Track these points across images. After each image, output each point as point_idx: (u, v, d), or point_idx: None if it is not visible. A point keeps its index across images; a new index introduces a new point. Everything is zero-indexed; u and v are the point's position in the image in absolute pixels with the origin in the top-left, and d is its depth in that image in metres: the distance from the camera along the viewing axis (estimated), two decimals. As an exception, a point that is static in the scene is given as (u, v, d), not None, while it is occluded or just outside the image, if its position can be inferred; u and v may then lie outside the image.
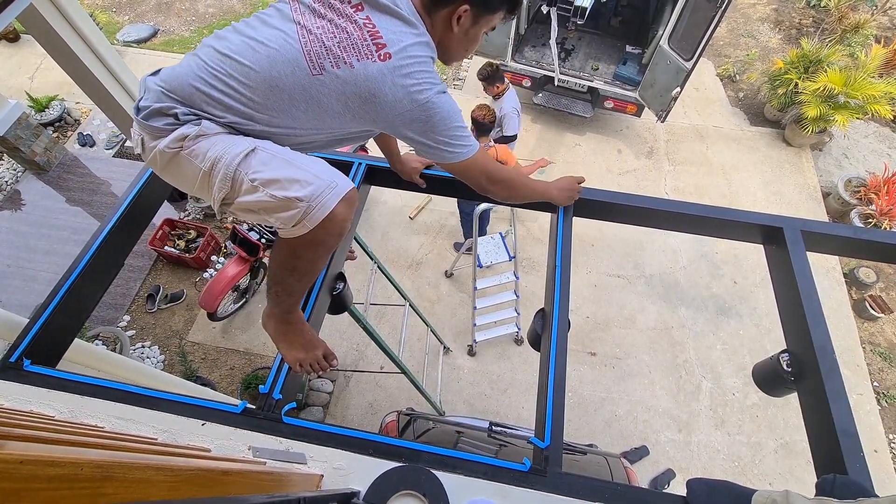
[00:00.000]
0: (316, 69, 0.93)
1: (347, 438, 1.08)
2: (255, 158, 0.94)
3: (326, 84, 0.94)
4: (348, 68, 0.93)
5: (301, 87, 0.95)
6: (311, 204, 0.88)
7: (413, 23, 0.99)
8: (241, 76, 0.95)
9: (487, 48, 5.05)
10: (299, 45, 0.94)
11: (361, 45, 0.93)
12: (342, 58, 0.93)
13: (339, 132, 1.09)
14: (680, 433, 3.74)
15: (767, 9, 6.97)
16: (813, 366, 1.18)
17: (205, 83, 0.97)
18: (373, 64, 0.93)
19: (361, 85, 0.94)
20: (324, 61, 0.93)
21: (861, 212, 4.62)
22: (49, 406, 1.07)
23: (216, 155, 0.94)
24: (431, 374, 3.74)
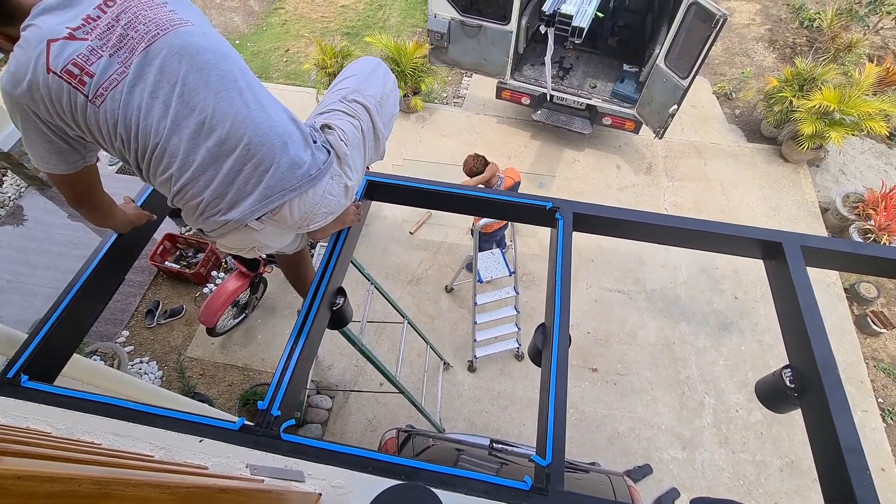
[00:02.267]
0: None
1: (346, 456, 1.06)
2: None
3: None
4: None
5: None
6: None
7: None
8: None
9: (488, 67, 5.14)
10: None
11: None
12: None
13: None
14: (683, 451, 3.68)
15: (762, 28, 7.11)
16: (816, 382, 1.17)
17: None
18: None
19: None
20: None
21: (860, 227, 4.63)
22: (45, 422, 1.06)
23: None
24: (431, 390, 3.71)
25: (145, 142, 1.05)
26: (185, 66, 1.04)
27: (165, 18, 1.03)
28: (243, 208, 1.14)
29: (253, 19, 7.53)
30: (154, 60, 1.02)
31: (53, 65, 0.96)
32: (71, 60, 0.96)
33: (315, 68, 6.04)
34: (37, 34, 0.96)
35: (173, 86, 1.03)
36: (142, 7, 1.02)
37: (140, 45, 1.01)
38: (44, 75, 0.96)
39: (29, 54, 0.96)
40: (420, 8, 7.38)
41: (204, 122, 1.06)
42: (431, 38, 5.08)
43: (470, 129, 5.88)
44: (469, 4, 4.75)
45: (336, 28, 7.23)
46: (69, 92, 0.98)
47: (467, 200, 1.62)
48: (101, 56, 0.98)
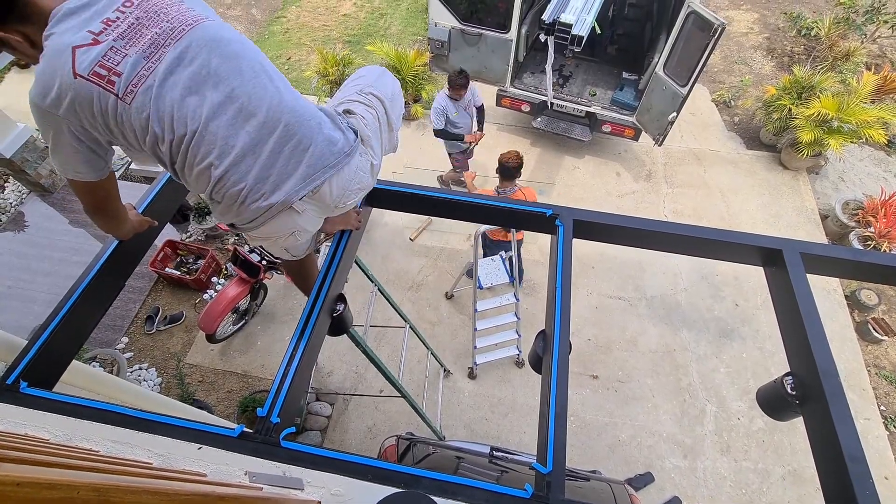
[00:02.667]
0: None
1: (346, 463, 1.06)
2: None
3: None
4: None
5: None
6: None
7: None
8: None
9: (487, 75, 5.18)
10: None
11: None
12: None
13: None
14: (685, 459, 3.66)
15: (760, 37, 7.17)
16: (817, 389, 1.16)
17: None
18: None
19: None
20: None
21: (860, 234, 4.64)
22: (43, 429, 1.05)
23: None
24: (432, 396, 3.69)
25: (182, 132, 1.07)
26: (216, 57, 1.07)
27: (187, 15, 1.07)
28: (288, 189, 1.16)
29: (255, 28, 7.59)
30: (184, 54, 1.05)
31: (80, 69, 0.97)
32: (97, 63, 0.98)
33: (316, 76, 6.08)
34: (59, 43, 0.97)
35: (206, 76, 1.06)
36: (161, 6, 1.05)
37: (167, 40, 1.04)
38: (71, 81, 0.97)
39: (54, 64, 0.97)
40: (421, 17, 7.45)
41: (241, 107, 1.09)
42: (432, 46, 5.12)
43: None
44: (469, 13, 4.79)
45: (337, 36, 7.29)
46: (99, 94, 0.99)
47: (467, 207, 1.62)
48: (126, 55, 1.00)
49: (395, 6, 7.78)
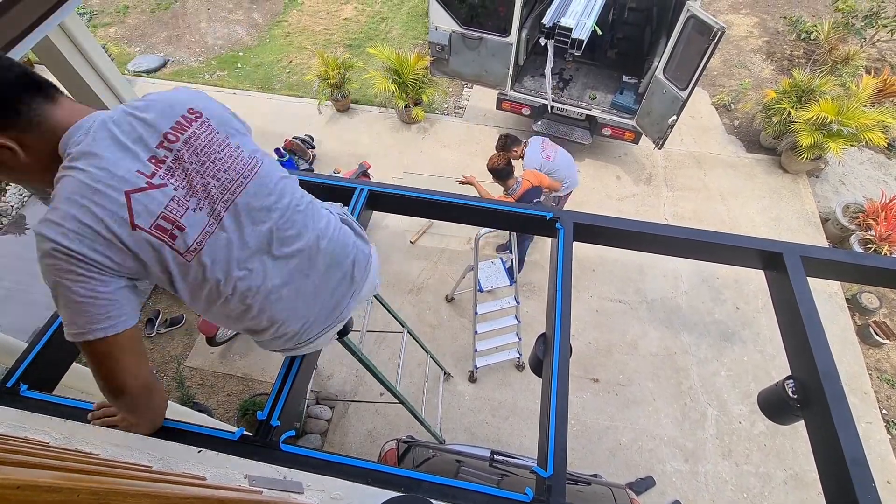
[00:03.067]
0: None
1: (346, 467, 1.05)
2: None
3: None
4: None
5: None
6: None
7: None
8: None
9: (488, 78, 5.19)
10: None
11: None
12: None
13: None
14: (686, 463, 3.64)
15: (759, 41, 7.19)
16: (819, 392, 1.16)
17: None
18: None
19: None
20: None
21: (860, 237, 4.63)
22: (43, 432, 1.05)
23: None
24: (432, 400, 3.68)
25: (244, 287, 1.02)
26: (275, 215, 1.04)
27: (240, 162, 1.00)
28: (341, 318, 1.28)
29: (257, 32, 7.62)
30: (247, 208, 0.99)
31: (140, 221, 0.86)
32: (161, 214, 0.88)
33: (317, 80, 6.10)
34: (102, 177, 0.84)
35: (270, 233, 1.03)
36: (211, 148, 0.96)
37: (226, 195, 0.96)
38: (127, 232, 0.85)
39: (100, 205, 0.83)
40: (421, 21, 7.48)
41: (303, 258, 1.11)
42: (433, 50, 5.13)
43: (470, 139, 5.92)
44: (470, 17, 4.81)
45: (338, 40, 7.32)
46: (159, 247, 0.89)
47: (468, 210, 1.62)
48: (187, 206, 0.91)
49: (396, 10, 7.82)
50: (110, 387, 0.94)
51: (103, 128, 0.88)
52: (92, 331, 0.87)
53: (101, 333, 0.88)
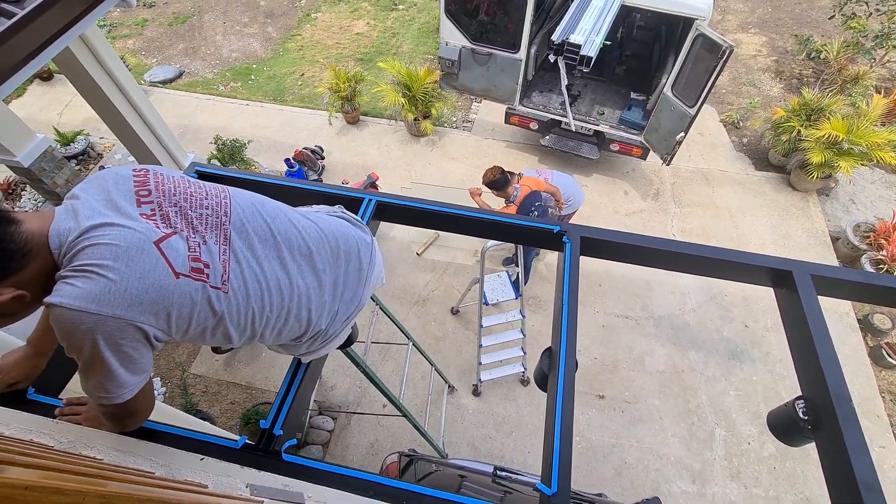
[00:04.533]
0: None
1: (347, 479, 1.05)
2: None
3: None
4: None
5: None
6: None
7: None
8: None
9: (497, 93, 5.24)
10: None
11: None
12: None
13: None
14: (694, 484, 3.56)
15: (768, 60, 7.21)
16: (830, 414, 1.14)
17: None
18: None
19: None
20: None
21: (872, 257, 4.58)
22: (48, 436, 1.06)
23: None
24: (435, 413, 3.65)
25: (278, 299, 1.04)
26: (271, 224, 1.06)
27: (211, 191, 1.02)
28: (361, 304, 1.32)
29: (270, 45, 7.78)
30: (245, 227, 1.01)
31: (179, 267, 0.85)
32: (190, 257, 0.88)
33: (328, 92, 6.20)
34: (129, 234, 0.83)
35: (275, 242, 1.05)
36: (180, 188, 0.97)
37: (220, 220, 0.98)
38: (172, 282, 0.84)
39: (142, 262, 0.82)
40: (432, 36, 7.60)
41: (316, 255, 1.14)
42: (443, 64, 5.21)
43: (478, 152, 5.96)
44: (480, 33, 4.88)
45: (350, 54, 7.45)
46: (201, 289, 0.89)
47: (475, 222, 1.63)
48: (198, 243, 0.92)
49: (408, 26, 7.96)
50: (123, 422, 0.99)
51: (83, 207, 0.85)
52: (121, 395, 0.88)
53: (129, 395, 0.89)
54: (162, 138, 4.40)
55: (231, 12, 8.45)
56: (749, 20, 7.94)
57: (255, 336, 1.06)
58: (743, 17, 8.02)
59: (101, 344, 0.80)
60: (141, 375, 0.90)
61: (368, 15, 8.22)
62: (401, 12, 8.25)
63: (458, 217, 1.62)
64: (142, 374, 0.90)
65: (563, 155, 5.65)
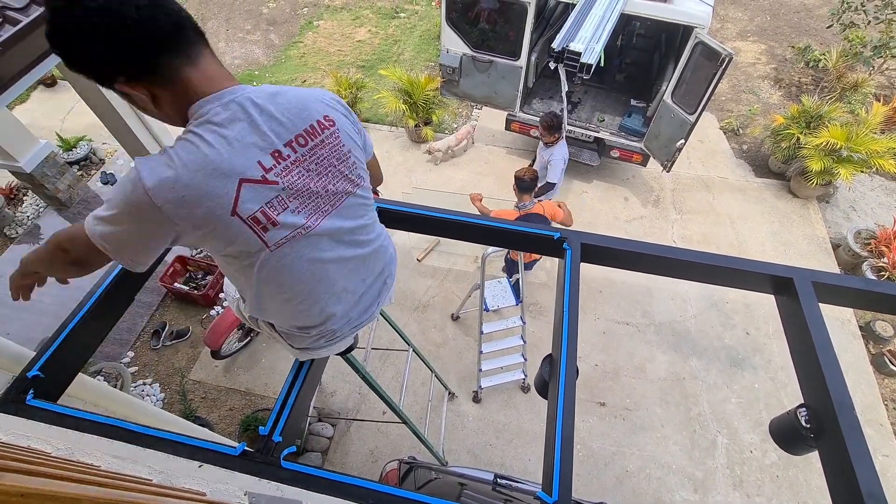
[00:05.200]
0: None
1: (347, 486, 1.04)
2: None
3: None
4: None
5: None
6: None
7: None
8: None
9: (498, 100, 5.27)
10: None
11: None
12: None
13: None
14: (696, 493, 3.53)
15: (767, 67, 7.25)
16: (833, 422, 1.13)
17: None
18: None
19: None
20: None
21: (873, 264, 4.57)
22: (46, 442, 1.05)
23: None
24: (435, 420, 3.62)
25: (315, 285, 1.10)
26: (359, 222, 1.14)
27: (351, 177, 1.08)
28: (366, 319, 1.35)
29: (273, 52, 7.84)
30: (337, 219, 1.08)
31: (242, 210, 0.89)
32: (260, 209, 0.92)
33: (330, 98, 6.22)
34: (224, 157, 0.86)
35: (351, 236, 1.13)
36: (333, 159, 1.03)
37: (328, 207, 1.05)
38: (226, 217, 0.88)
39: (210, 181, 0.85)
40: (433, 44, 7.65)
41: (366, 260, 1.21)
42: (443, 71, 5.24)
43: (479, 159, 5.98)
44: (481, 41, 4.92)
45: (352, 61, 7.50)
46: (247, 235, 0.93)
47: (475, 229, 1.63)
48: (287, 207, 0.96)
49: (409, 33, 8.02)
50: (73, 269, 1.02)
51: (243, 109, 0.90)
52: (94, 232, 0.91)
53: (123, 263, 0.95)
54: (164, 144, 4.42)
55: (234, 19, 8.52)
56: (748, 28, 7.99)
57: (275, 299, 1.10)
58: (742, 25, 8.08)
59: (131, 215, 0.87)
60: (145, 257, 0.95)
61: (370, 22, 8.29)
62: (402, 20, 8.32)
63: (458, 223, 1.62)
64: (146, 256, 0.95)
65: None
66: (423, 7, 8.60)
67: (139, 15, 0.79)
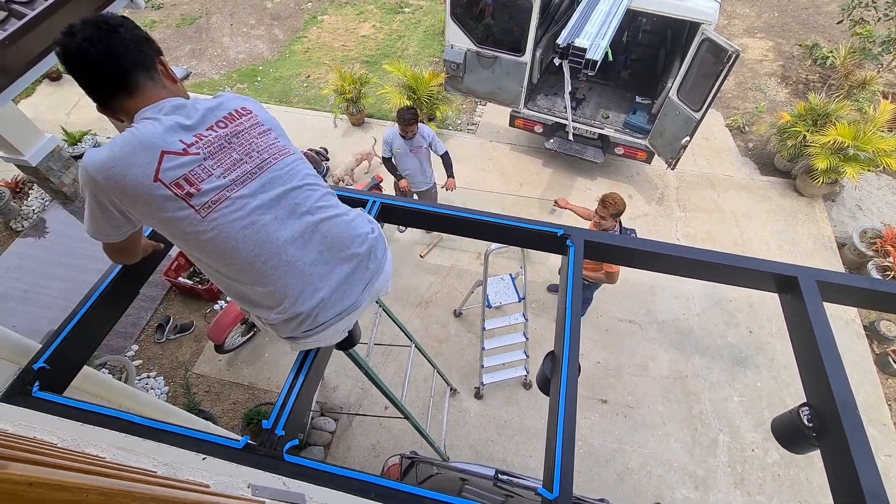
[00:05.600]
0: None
1: (349, 480, 1.04)
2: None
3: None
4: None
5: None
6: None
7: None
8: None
9: (502, 96, 5.25)
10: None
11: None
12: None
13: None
14: (697, 491, 3.54)
15: (774, 65, 7.19)
16: (835, 421, 1.13)
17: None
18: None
19: None
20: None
21: (879, 263, 4.54)
22: (52, 434, 1.06)
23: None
24: (437, 416, 3.64)
25: (258, 250, 1.12)
26: (298, 190, 1.18)
27: (275, 147, 1.18)
28: (354, 302, 1.30)
29: (277, 47, 7.83)
30: (268, 183, 1.14)
31: (164, 176, 1.02)
32: (183, 175, 1.03)
33: (333, 94, 6.23)
34: (149, 135, 1.02)
35: (291, 202, 1.16)
36: (253, 134, 1.15)
37: (255, 168, 1.13)
38: (149, 183, 1.01)
39: (135, 155, 1.01)
40: (437, 39, 7.62)
41: (319, 232, 1.20)
42: (448, 67, 5.22)
43: (483, 155, 5.97)
44: (485, 37, 4.90)
45: (356, 56, 7.48)
46: (173, 200, 1.03)
47: (478, 225, 1.63)
48: (211, 174, 1.06)
49: (413, 28, 7.99)
50: (111, 256, 1.30)
51: (173, 108, 1.09)
52: (97, 237, 1.17)
53: (104, 240, 1.18)
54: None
55: (238, 14, 8.51)
56: (755, 25, 7.92)
57: (220, 270, 1.15)
58: (749, 21, 8.00)
59: (88, 196, 1.07)
60: (114, 231, 1.14)
61: (374, 18, 8.27)
62: (406, 15, 8.29)
63: (461, 219, 1.62)
64: (115, 230, 1.14)
65: (568, 158, 5.65)
66: (427, 2, 8.56)
67: (90, 62, 1.03)
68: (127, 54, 1.07)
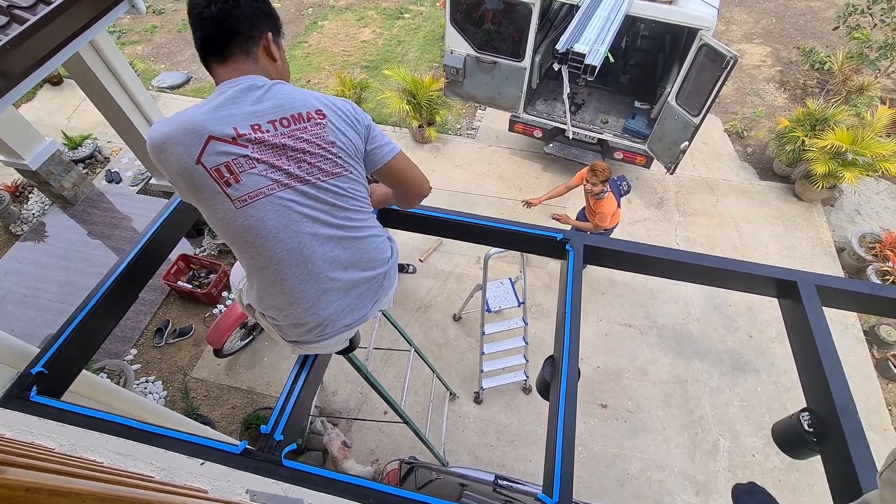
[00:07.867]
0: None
1: (347, 485, 1.04)
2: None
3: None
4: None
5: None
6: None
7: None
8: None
9: (501, 101, 5.27)
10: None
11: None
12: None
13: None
14: (697, 496, 3.52)
15: (772, 70, 7.23)
16: (836, 427, 1.13)
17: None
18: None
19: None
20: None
21: (878, 268, 4.54)
22: (50, 438, 1.06)
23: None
24: (436, 420, 3.63)
25: (285, 254, 1.12)
26: (340, 207, 1.16)
27: (329, 164, 1.13)
28: (363, 315, 1.32)
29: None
30: (315, 194, 1.12)
31: (206, 161, 1.02)
32: (224, 163, 1.03)
33: (334, 98, 6.23)
34: (203, 119, 1.02)
35: (330, 217, 1.15)
36: (313, 144, 1.10)
37: (297, 180, 1.09)
38: (191, 164, 1.02)
39: (185, 138, 1.01)
40: (437, 44, 7.66)
41: (349, 250, 1.20)
42: (447, 72, 5.24)
43: (482, 159, 5.98)
44: (485, 42, 4.92)
45: (356, 61, 7.52)
46: (211, 185, 1.04)
47: (478, 229, 1.63)
48: (254, 168, 1.05)
49: (413, 34, 8.02)
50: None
51: (246, 89, 1.07)
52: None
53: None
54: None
55: (239, 19, 8.54)
56: (753, 31, 7.97)
57: (247, 261, 1.15)
58: (747, 27, 8.05)
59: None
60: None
61: (375, 23, 8.31)
62: (407, 20, 8.33)
63: (461, 224, 1.62)
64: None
65: (567, 163, 5.66)
66: (427, 8, 8.61)
67: (203, 20, 1.06)
68: (233, 21, 1.07)
